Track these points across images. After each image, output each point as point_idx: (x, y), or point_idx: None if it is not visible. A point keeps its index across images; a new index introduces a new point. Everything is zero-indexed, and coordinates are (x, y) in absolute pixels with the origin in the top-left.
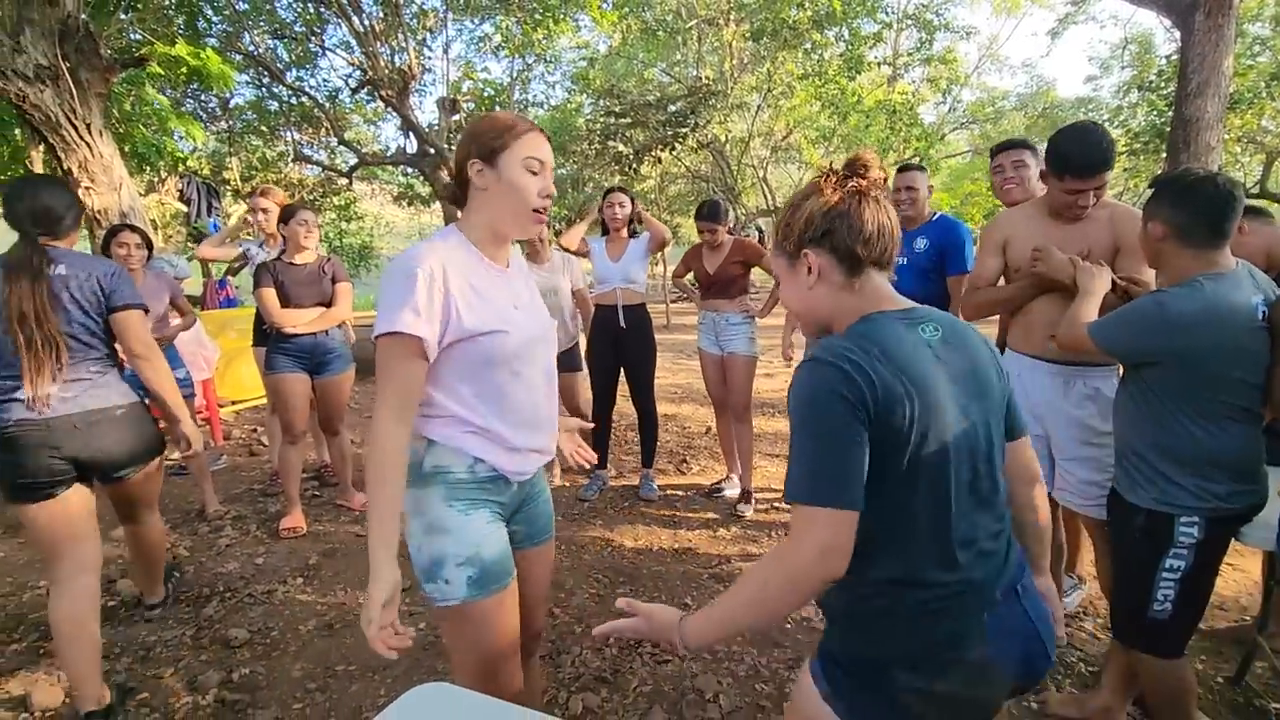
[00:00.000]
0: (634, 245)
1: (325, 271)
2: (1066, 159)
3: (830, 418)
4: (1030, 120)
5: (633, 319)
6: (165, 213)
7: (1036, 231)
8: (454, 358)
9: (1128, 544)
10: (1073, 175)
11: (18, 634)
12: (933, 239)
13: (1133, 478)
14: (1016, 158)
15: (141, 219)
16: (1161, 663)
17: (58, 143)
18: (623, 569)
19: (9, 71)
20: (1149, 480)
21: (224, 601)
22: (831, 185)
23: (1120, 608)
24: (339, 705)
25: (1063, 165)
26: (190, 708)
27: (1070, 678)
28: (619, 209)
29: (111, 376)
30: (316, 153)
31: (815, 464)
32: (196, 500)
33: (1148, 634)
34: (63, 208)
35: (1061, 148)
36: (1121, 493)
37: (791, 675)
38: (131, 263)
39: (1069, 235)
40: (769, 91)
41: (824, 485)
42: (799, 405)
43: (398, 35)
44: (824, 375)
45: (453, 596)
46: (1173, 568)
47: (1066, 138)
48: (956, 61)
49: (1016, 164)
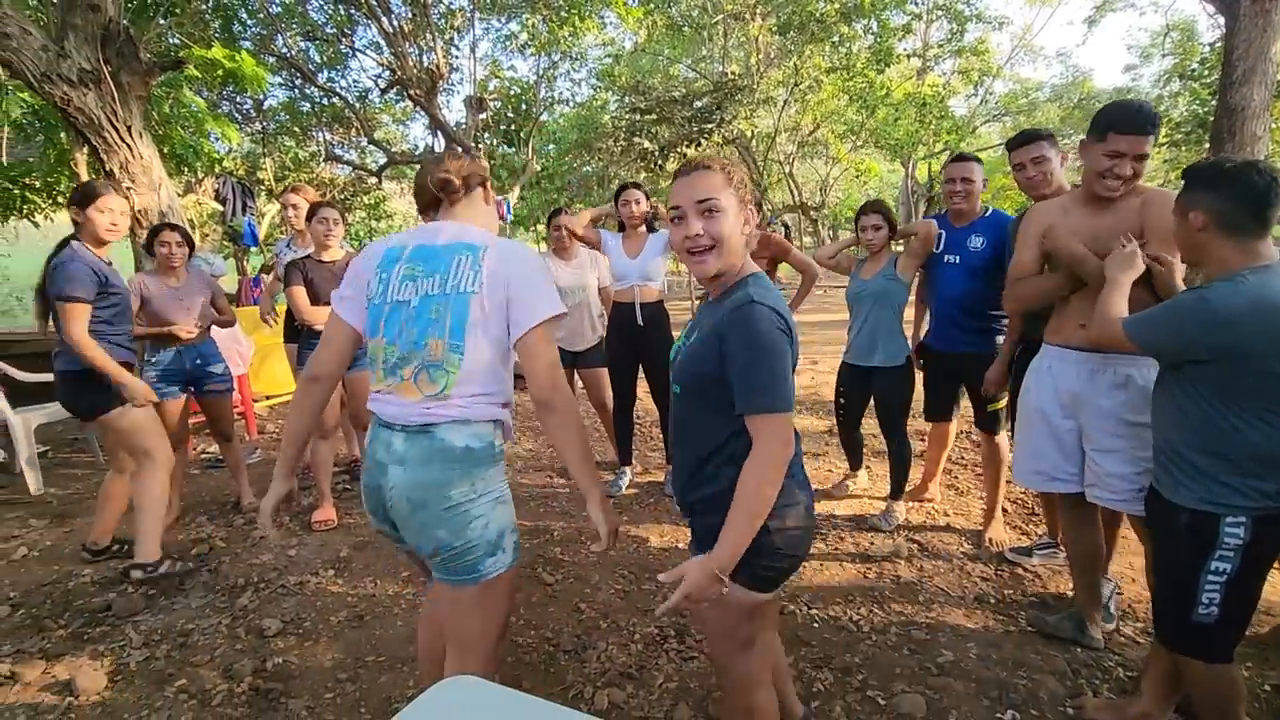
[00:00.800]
0: (653, 241)
1: None
2: (1110, 117)
3: (782, 348)
4: (1065, 111)
5: (650, 316)
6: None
7: (1071, 222)
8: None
9: (1170, 545)
10: (1116, 131)
11: (63, 620)
12: (989, 237)
13: (1174, 477)
14: (1035, 154)
15: (179, 218)
16: (1209, 667)
17: (100, 145)
18: (648, 564)
19: (54, 76)
20: (1191, 479)
21: (258, 592)
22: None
23: (1164, 611)
24: (369, 695)
25: (1106, 124)
26: (226, 695)
27: (1108, 683)
28: (634, 205)
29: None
30: (347, 152)
31: (779, 382)
32: (232, 493)
33: (1193, 638)
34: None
35: (1107, 111)
36: (1162, 492)
37: (818, 674)
38: (173, 260)
39: (1104, 224)
40: (796, 86)
41: (784, 396)
42: (763, 336)
43: (426, 35)
44: (770, 316)
45: (505, 564)
46: (1218, 570)
47: (1113, 104)
48: (988, 52)
49: (1037, 160)
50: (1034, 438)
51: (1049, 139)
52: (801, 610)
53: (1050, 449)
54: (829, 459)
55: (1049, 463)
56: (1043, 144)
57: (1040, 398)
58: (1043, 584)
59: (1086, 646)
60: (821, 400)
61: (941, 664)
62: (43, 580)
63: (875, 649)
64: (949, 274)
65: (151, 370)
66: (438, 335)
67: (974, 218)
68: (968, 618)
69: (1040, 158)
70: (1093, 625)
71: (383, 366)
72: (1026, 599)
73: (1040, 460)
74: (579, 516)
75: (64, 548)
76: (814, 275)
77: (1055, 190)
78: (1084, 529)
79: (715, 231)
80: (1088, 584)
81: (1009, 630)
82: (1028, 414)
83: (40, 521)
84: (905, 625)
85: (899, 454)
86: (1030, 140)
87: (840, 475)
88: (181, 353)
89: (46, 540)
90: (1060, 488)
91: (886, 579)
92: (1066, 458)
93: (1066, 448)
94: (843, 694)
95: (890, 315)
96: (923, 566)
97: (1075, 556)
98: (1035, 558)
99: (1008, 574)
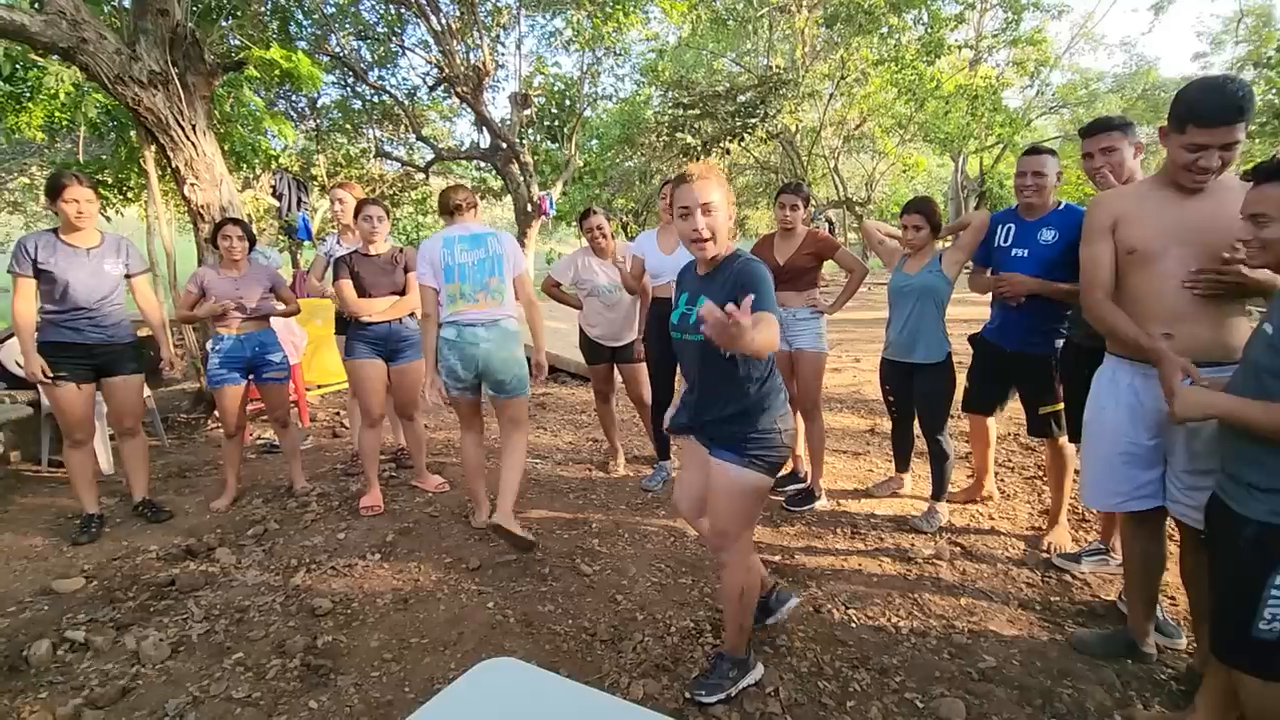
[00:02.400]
0: None
1: (397, 261)
2: (1190, 106)
3: (770, 280)
4: (1128, 103)
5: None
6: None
7: (1151, 210)
8: None
9: (1233, 557)
10: (1196, 124)
11: (131, 593)
12: (1062, 230)
13: (1245, 489)
14: (1105, 144)
15: (239, 213)
16: (1266, 685)
17: (167, 143)
18: (685, 559)
19: (127, 78)
20: (1265, 492)
21: (309, 572)
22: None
23: (1222, 624)
24: (413, 675)
25: (1185, 114)
26: (279, 669)
27: (1160, 695)
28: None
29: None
30: (396, 149)
31: (773, 298)
32: (286, 478)
33: (1251, 653)
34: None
35: (1186, 95)
36: (1229, 503)
37: (855, 674)
38: (234, 253)
39: (1200, 211)
40: (842, 79)
41: (775, 304)
42: (765, 278)
43: (473, 33)
44: (761, 267)
45: (526, 390)
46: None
47: (1194, 85)
48: (1046, 42)
49: (1106, 150)
50: (1111, 460)
51: (1123, 128)
52: (839, 610)
53: (1132, 471)
54: (869, 458)
55: (1129, 485)
56: (1114, 134)
57: (1119, 419)
58: (1092, 592)
59: (1138, 660)
60: (863, 399)
61: (983, 669)
62: (113, 555)
63: (914, 651)
64: (1017, 269)
65: (214, 356)
66: (493, 275)
67: (1046, 211)
68: (1011, 623)
69: (1109, 148)
70: (1144, 644)
71: (461, 298)
72: (1074, 607)
73: (1120, 484)
74: (616, 509)
75: (132, 526)
76: (862, 273)
77: (1124, 183)
78: (1152, 541)
79: (714, 225)
80: (1147, 599)
81: (1055, 638)
82: (1103, 433)
83: (110, 500)
84: (946, 628)
85: (940, 454)
86: (1101, 129)
87: (881, 475)
88: (243, 340)
89: (116, 517)
90: (1138, 506)
91: (927, 581)
92: (1146, 472)
93: (1148, 464)
94: (880, 695)
95: (932, 311)
96: (965, 570)
97: (1138, 570)
98: (1084, 565)
99: (1055, 580)
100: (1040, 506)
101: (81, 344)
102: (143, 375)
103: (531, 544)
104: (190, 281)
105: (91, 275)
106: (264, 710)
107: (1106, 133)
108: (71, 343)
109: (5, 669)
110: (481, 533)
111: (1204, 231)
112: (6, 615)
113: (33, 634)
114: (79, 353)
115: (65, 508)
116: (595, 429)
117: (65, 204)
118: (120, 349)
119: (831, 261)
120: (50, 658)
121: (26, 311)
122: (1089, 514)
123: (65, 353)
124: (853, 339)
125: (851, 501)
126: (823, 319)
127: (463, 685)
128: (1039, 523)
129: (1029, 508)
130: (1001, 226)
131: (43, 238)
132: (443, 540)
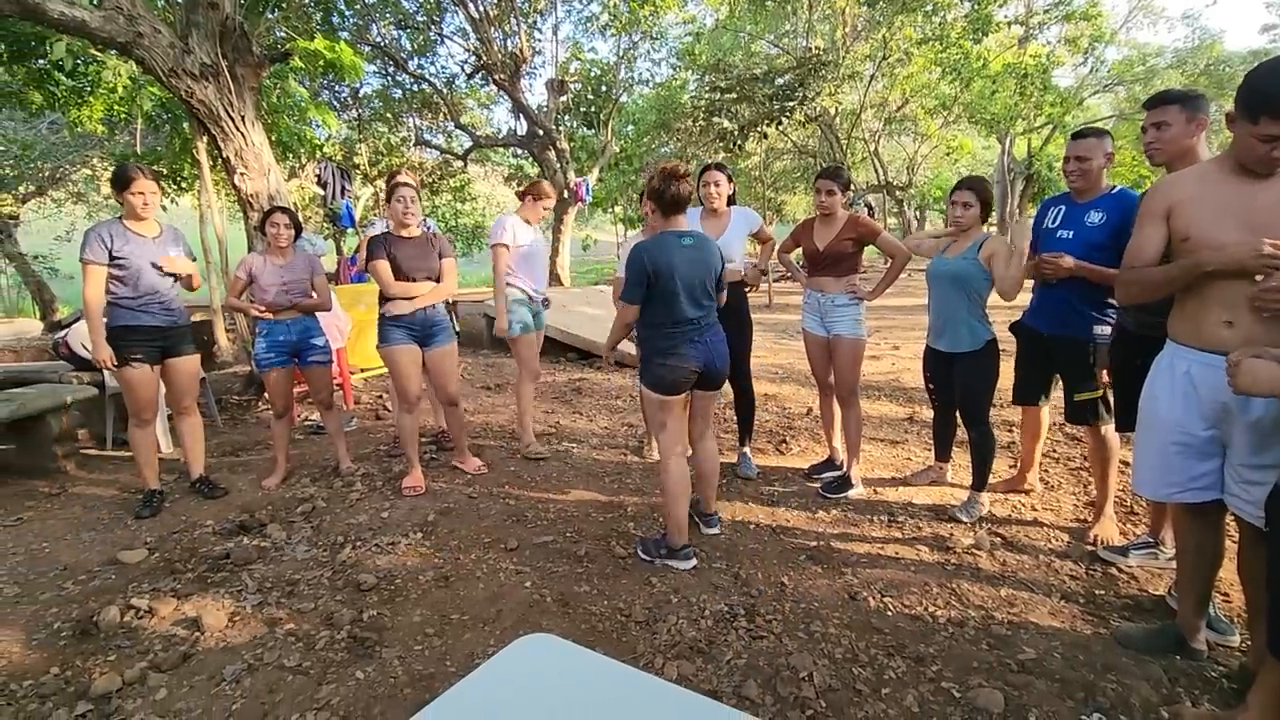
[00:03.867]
0: (737, 221)
1: (433, 245)
2: (1262, 95)
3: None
4: (1189, 79)
5: (728, 298)
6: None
7: (1213, 194)
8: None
9: None
10: (1271, 115)
11: (190, 565)
12: (1110, 213)
13: None
14: (1157, 118)
15: (286, 202)
16: None
17: (218, 134)
18: (719, 544)
19: (180, 71)
20: None
21: (355, 549)
22: None
23: (1278, 619)
24: (453, 650)
25: (1256, 103)
26: (328, 640)
27: (1209, 693)
28: (714, 188)
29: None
30: (435, 137)
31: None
32: (332, 458)
33: None
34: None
35: (1257, 82)
36: None
37: (890, 662)
38: (280, 240)
39: (1257, 196)
40: (884, 59)
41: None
42: (629, 263)
43: (510, 20)
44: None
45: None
46: None
47: (1265, 70)
48: (1101, 16)
49: (1157, 124)
50: (1166, 450)
51: (1181, 102)
52: (875, 598)
53: (1187, 461)
54: (908, 446)
55: (1184, 475)
56: (1169, 108)
57: (1173, 407)
58: (1139, 586)
59: (1187, 657)
60: (901, 387)
61: (1023, 661)
62: (173, 529)
63: (951, 641)
64: (1061, 250)
65: (260, 341)
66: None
67: (1097, 195)
68: (1053, 616)
69: (1161, 122)
70: (1195, 640)
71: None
72: (1120, 601)
73: (1172, 473)
74: (652, 493)
75: (189, 502)
76: (904, 259)
77: (1176, 159)
78: (1208, 535)
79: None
80: (1200, 595)
81: (1099, 632)
82: (1157, 424)
83: (170, 477)
84: (985, 619)
85: (981, 443)
86: (1156, 103)
87: (920, 464)
88: (288, 325)
89: (175, 494)
90: (1194, 498)
91: (966, 571)
92: (1203, 463)
93: (1204, 454)
94: (916, 684)
95: (966, 297)
96: (1006, 560)
97: (1193, 565)
98: (1132, 558)
99: (1100, 573)
100: (1085, 499)
101: (155, 326)
102: (199, 356)
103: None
104: (239, 268)
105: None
106: (314, 679)
107: (1161, 106)
108: (147, 325)
109: (78, 632)
110: (519, 514)
111: (1267, 217)
112: (78, 583)
113: (102, 601)
114: (152, 335)
115: (128, 484)
116: (630, 414)
117: (133, 196)
118: (183, 331)
119: (873, 247)
120: (118, 623)
121: (98, 298)
122: (1137, 506)
123: (139, 335)
124: (891, 325)
125: (889, 489)
126: (861, 305)
127: (502, 659)
128: (1084, 515)
129: (1074, 499)
130: (1053, 208)
131: (114, 227)
132: (482, 521)
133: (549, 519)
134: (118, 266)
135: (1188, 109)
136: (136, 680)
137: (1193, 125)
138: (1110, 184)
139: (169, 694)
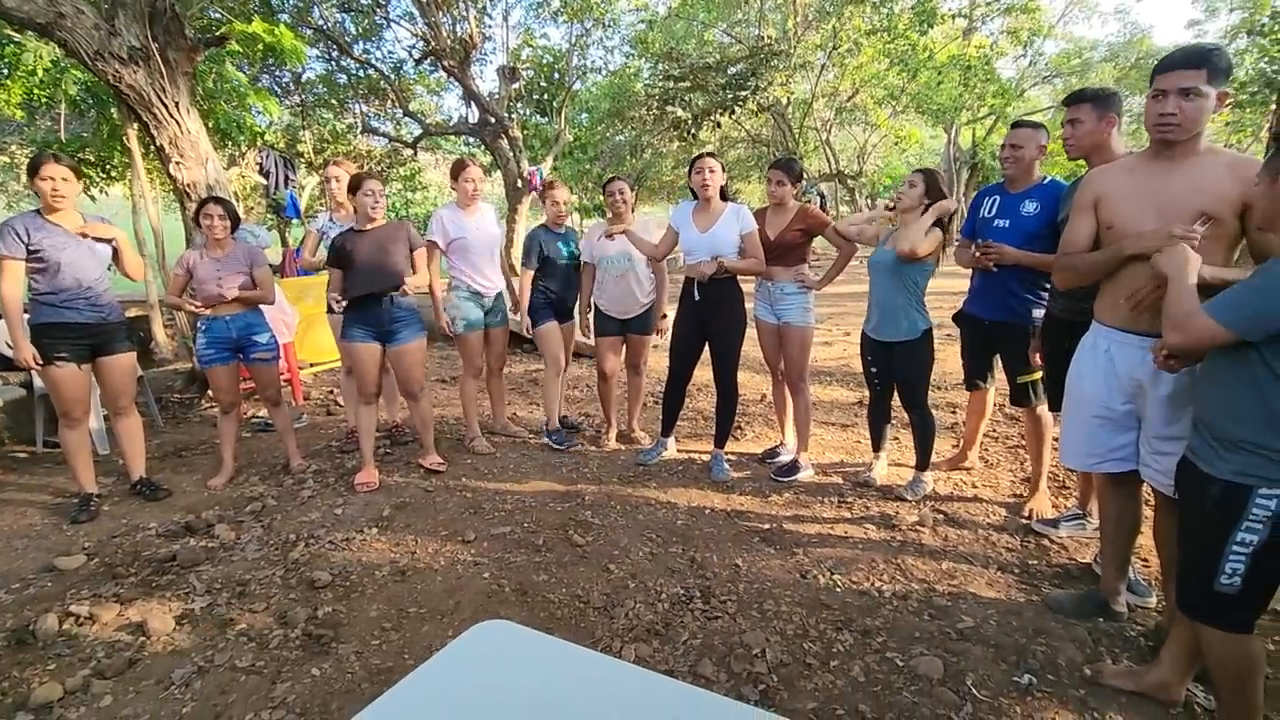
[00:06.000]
0: (728, 218)
1: (399, 237)
2: (1158, 61)
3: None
4: (1121, 72)
5: (719, 293)
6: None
7: (1131, 183)
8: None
9: (1199, 514)
10: (1157, 73)
11: (132, 569)
12: (1043, 203)
13: (1214, 449)
14: (1072, 115)
15: (226, 192)
16: (1227, 637)
17: (150, 120)
18: (676, 529)
19: (106, 54)
20: (1231, 452)
21: (308, 546)
22: None
23: (1186, 579)
24: (411, 643)
25: (1154, 70)
26: (281, 639)
27: (1129, 651)
28: (708, 175)
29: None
30: (383, 124)
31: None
32: (281, 455)
33: (1213, 606)
34: None
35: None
36: (1197, 463)
37: (839, 636)
38: (215, 232)
39: (1173, 185)
40: (834, 49)
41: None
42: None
43: (459, 4)
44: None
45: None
46: (1244, 541)
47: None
48: (1039, 10)
49: (1072, 121)
50: (1087, 423)
51: (1094, 100)
52: (825, 575)
53: (1106, 433)
54: (858, 429)
55: (1104, 446)
56: (1082, 106)
57: (1095, 383)
58: (1069, 555)
59: (1109, 619)
60: (852, 372)
61: (961, 629)
62: (113, 532)
63: (896, 614)
64: (999, 239)
65: (202, 337)
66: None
67: (1029, 184)
68: (990, 586)
69: (1076, 119)
70: (1116, 603)
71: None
72: (1051, 569)
73: (1095, 445)
74: (609, 482)
75: (131, 504)
76: (851, 250)
77: (1089, 154)
78: (1128, 503)
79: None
80: (1121, 561)
81: (1031, 599)
82: (1082, 399)
83: (108, 479)
84: (927, 591)
85: (922, 426)
86: (1072, 101)
87: (869, 448)
88: (228, 321)
89: (114, 496)
90: (1113, 467)
91: (910, 547)
92: (1121, 436)
93: (1122, 427)
94: (862, 655)
95: (904, 287)
96: (948, 535)
97: (1115, 532)
98: (1062, 529)
99: (1034, 545)
100: (1022, 475)
101: (81, 323)
102: (135, 354)
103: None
104: (177, 265)
105: (87, 255)
106: (268, 678)
107: (1076, 104)
108: (72, 322)
109: (13, 642)
110: (476, 506)
111: (1180, 203)
112: (11, 592)
113: (38, 609)
114: (79, 332)
115: (61, 488)
116: (587, 403)
117: (41, 181)
118: (114, 328)
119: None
120: (57, 631)
121: (15, 295)
122: (1069, 481)
123: (64, 333)
124: (842, 312)
125: (839, 472)
126: (810, 294)
127: (459, 646)
128: (1020, 490)
129: (1011, 475)
130: (988, 198)
131: (30, 219)
132: (438, 514)
133: (506, 510)
134: (36, 260)
135: (1099, 107)
136: (79, 688)
137: (1103, 122)
138: (1042, 175)
139: (114, 700)
